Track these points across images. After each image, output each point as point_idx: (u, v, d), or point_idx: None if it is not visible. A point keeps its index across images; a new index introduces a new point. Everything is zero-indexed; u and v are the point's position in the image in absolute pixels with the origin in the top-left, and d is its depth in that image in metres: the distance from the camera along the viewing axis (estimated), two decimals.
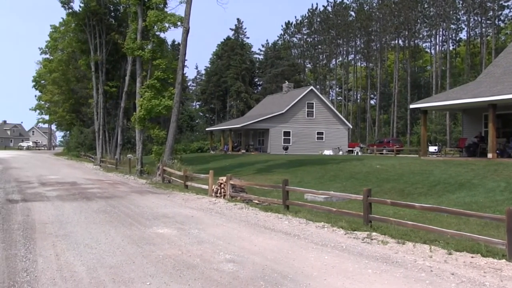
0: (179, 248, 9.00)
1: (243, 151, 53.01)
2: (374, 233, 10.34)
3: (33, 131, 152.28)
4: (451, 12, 77.79)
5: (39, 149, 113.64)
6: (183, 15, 29.04)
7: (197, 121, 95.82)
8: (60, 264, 7.83)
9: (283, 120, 51.50)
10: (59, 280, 6.94)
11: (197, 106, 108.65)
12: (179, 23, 29.65)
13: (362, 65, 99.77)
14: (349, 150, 53.59)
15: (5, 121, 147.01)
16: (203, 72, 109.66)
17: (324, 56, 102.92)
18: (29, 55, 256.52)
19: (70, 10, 46.52)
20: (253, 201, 16.37)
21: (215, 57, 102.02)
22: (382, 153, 50.10)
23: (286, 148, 49.74)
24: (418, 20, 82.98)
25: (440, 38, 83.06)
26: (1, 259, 8.09)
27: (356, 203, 14.02)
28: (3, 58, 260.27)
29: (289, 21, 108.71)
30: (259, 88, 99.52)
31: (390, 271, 7.52)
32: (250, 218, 12.82)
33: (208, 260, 8.15)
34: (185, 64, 31.80)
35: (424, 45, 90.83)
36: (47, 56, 65.05)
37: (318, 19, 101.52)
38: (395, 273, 7.44)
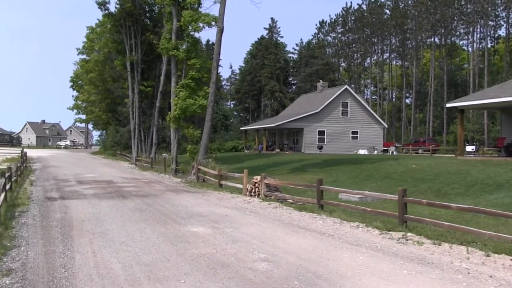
0: (213, 247, 9.05)
1: (277, 150, 53.04)
2: (409, 234, 10.22)
3: (70, 130, 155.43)
4: (489, 8, 75.97)
5: (76, 148, 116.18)
6: (217, 14, 29.20)
7: (231, 120, 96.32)
8: (97, 261, 7.98)
9: (318, 119, 51.21)
10: (95, 276, 7.07)
11: (232, 106, 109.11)
12: (213, 23, 29.77)
13: (397, 63, 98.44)
14: (384, 150, 53.01)
15: (44, 121, 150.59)
16: (238, 71, 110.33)
17: (358, 55, 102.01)
18: (67, 55, 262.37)
19: (106, 12, 47.28)
20: (287, 200, 16.34)
21: (249, 56, 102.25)
22: (417, 153, 49.31)
23: (320, 148, 49.50)
24: (455, 17, 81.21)
25: (478, 35, 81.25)
26: (40, 255, 8.30)
27: (391, 203, 13.85)
28: (43, 59, 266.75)
29: (323, 20, 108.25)
30: (294, 87, 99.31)
31: (426, 272, 7.41)
32: (284, 218, 12.81)
33: (242, 259, 8.18)
34: (220, 64, 31.87)
35: (461, 42, 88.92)
36: (84, 56, 66.43)
37: (353, 18, 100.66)
38: (431, 274, 7.33)
